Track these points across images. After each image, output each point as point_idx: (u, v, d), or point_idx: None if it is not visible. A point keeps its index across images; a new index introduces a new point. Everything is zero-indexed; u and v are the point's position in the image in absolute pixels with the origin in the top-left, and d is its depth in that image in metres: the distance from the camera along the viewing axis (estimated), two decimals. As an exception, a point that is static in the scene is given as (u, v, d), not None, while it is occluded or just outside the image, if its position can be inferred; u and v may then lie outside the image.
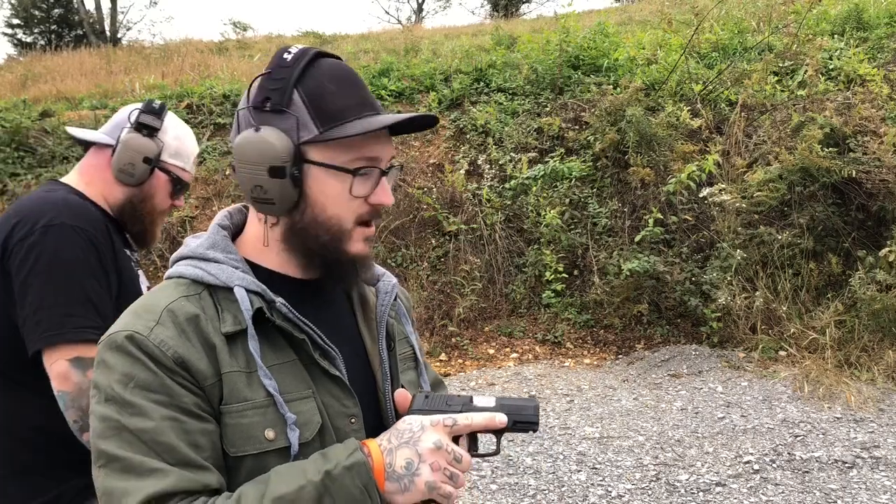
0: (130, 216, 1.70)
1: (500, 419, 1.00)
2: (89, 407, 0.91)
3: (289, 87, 0.96)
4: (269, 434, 0.93)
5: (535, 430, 1.02)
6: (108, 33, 24.32)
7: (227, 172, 7.22)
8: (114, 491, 0.85)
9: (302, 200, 0.98)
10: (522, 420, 1.02)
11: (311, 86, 0.97)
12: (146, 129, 1.65)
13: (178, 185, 1.73)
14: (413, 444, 0.93)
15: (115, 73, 11.58)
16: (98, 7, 25.00)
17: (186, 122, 7.72)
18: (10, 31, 25.81)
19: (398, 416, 1.08)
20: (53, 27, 25.79)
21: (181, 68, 11.21)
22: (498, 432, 1.01)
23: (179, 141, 1.72)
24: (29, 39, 25.12)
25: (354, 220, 1.00)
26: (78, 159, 1.75)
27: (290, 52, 0.99)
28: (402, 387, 1.14)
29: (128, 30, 26.80)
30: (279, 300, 0.98)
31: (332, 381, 1.00)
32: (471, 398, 1.02)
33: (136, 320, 0.93)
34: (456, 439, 0.97)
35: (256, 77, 1.01)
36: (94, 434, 0.89)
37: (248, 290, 0.97)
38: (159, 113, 1.67)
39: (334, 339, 1.03)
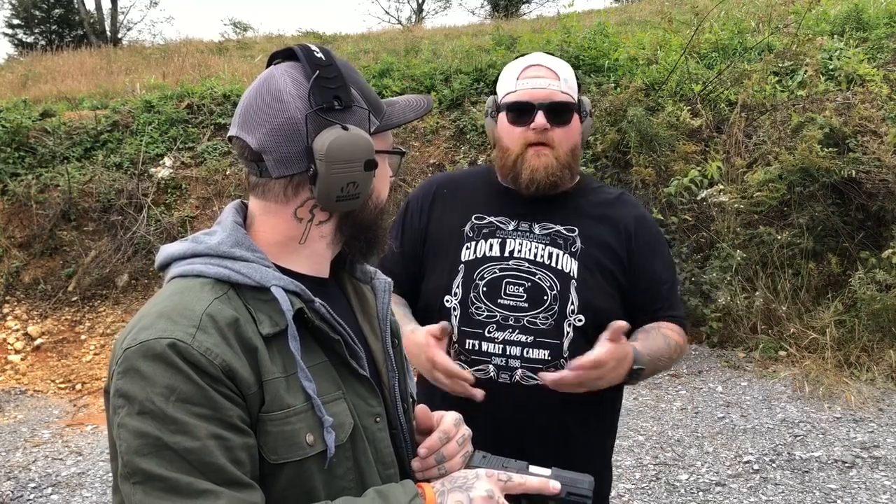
0: None
1: (554, 486, 1.00)
2: (122, 417, 0.86)
3: (346, 83, 0.99)
4: (309, 439, 0.92)
5: None
6: (108, 33, 24.34)
7: (228, 172, 7.22)
8: None
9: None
10: (576, 493, 1.01)
11: (354, 80, 1.02)
12: None
13: None
14: (466, 489, 0.93)
15: (116, 73, 11.58)
16: (98, 7, 25.04)
17: (186, 122, 7.78)
18: (10, 31, 25.83)
19: (417, 432, 1.11)
20: (54, 27, 25.79)
21: (182, 68, 11.21)
22: (550, 502, 1.01)
23: None
24: (29, 39, 25.12)
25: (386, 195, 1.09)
26: (78, 160, 1.76)
27: (317, 52, 1.00)
28: (409, 385, 1.16)
29: (128, 30, 26.77)
30: (318, 300, 0.97)
31: (358, 381, 1.01)
32: (527, 465, 1.03)
33: (172, 326, 0.87)
34: (509, 500, 0.97)
35: (315, 77, 1.00)
36: (129, 449, 0.84)
37: (285, 290, 0.95)
38: None
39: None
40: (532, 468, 1.03)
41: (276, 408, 0.91)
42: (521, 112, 1.58)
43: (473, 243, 1.62)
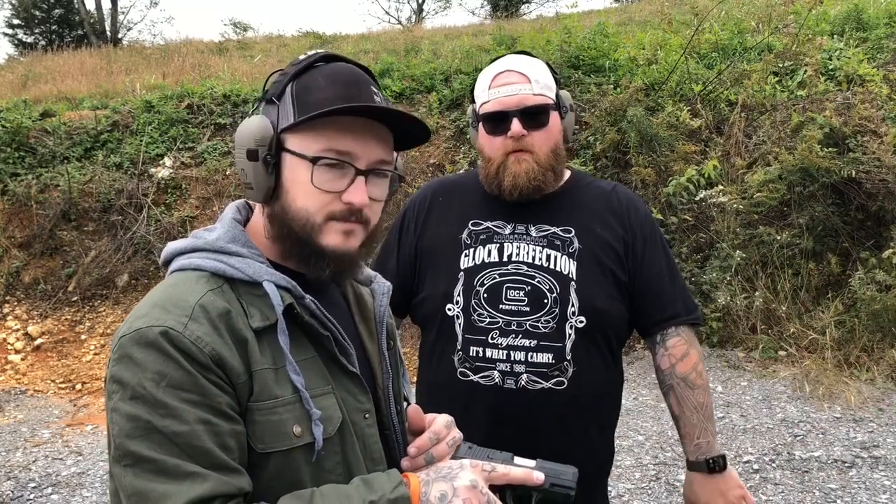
0: None
1: (538, 476, 1.01)
2: (115, 402, 0.88)
3: (286, 81, 1.01)
4: (297, 430, 0.94)
5: (571, 499, 1.03)
6: (108, 34, 24.34)
7: (228, 172, 7.22)
8: (149, 493, 0.84)
9: (279, 188, 1.00)
10: (560, 484, 1.02)
11: (304, 81, 1.01)
12: None
13: None
14: (450, 479, 0.95)
15: (116, 73, 11.58)
16: (99, 7, 25.03)
17: (186, 122, 7.78)
18: (10, 31, 25.81)
19: (409, 433, 1.11)
20: (54, 27, 25.78)
21: (182, 68, 11.22)
22: (534, 493, 1.02)
23: None
24: (30, 40, 25.11)
25: (325, 214, 0.98)
26: (78, 159, 1.76)
27: (307, 53, 1.04)
28: (403, 386, 1.17)
29: (128, 30, 26.75)
30: (308, 297, 0.99)
31: (348, 378, 1.02)
32: (512, 456, 1.04)
33: (165, 315, 0.90)
34: (493, 490, 0.98)
35: (275, 72, 1.07)
36: (120, 432, 0.86)
37: (276, 286, 0.97)
38: None
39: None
40: (517, 459, 1.04)
41: (264, 397, 0.92)
42: (496, 122, 1.58)
43: (471, 250, 1.63)
